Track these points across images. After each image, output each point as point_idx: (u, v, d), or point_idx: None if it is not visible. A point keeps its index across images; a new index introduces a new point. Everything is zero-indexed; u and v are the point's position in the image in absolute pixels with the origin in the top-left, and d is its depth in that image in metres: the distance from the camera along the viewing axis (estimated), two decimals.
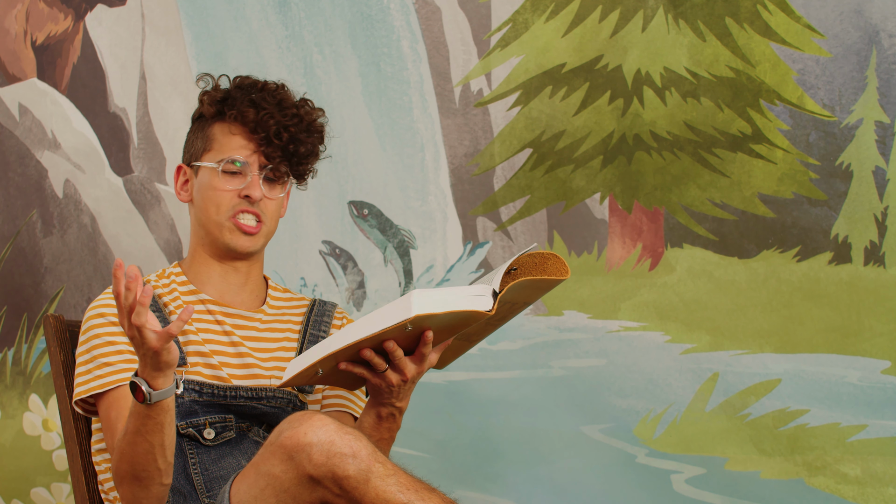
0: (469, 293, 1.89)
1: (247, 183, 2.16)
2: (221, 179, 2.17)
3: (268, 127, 2.16)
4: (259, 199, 2.16)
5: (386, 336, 1.89)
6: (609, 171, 2.71)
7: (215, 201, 2.17)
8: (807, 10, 2.55)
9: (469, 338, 2.06)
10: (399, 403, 2.01)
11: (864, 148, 2.51)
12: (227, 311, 2.19)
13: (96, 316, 2.12)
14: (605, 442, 2.72)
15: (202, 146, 2.20)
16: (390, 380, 1.96)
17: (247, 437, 2.13)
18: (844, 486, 2.53)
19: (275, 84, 2.22)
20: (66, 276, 3.24)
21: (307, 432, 1.81)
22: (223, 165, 2.16)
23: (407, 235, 2.89)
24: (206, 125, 2.21)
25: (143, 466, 1.94)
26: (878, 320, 2.50)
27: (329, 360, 1.93)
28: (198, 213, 2.20)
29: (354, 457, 1.80)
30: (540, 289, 2.00)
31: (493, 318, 2.00)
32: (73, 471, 2.25)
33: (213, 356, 2.14)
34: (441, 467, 2.81)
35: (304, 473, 1.80)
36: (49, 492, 3.25)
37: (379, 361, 1.93)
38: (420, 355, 1.95)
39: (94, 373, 2.08)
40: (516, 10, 2.77)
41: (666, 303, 2.67)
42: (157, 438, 1.92)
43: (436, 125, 2.87)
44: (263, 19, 3.00)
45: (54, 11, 3.24)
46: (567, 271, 1.97)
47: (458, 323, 1.92)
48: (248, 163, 2.17)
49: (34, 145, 3.26)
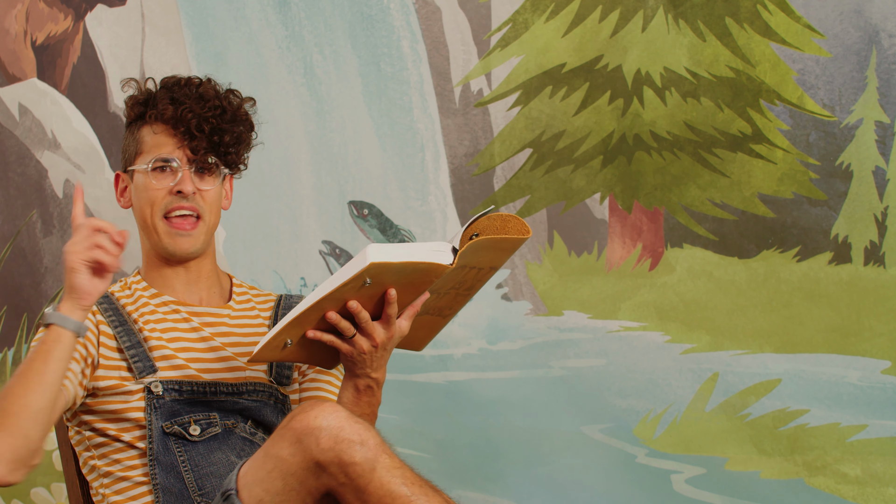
0: (427, 247, 1.89)
1: (177, 179, 2.17)
2: (153, 178, 2.17)
3: (188, 121, 2.17)
4: (191, 192, 2.17)
5: (346, 293, 1.88)
6: (609, 171, 2.71)
7: (149, 201, 2.18)
8: (807, 10, 2.55)
9: (441, 312, 2.05)
10: (374, 374, 2.01)
11: (864, 148, 2.51)
12: (193, 309, 2.21)
13: None
14: (605, 442, 2.72)
15: (134, 150, 2.21)
16: (360, 346, 1.96)
17: (234, 433, 2.14)
18: (844, 486, 2.53)
19: (199, 79, 2.23)
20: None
21: (317, 416, 1.82)
22: (152, 164, 2.17)
23: (407, 235, 2.89)
24: (136, 129, 2.22)
25: (14, 398, 1.88)
26: (878, 320, 2.50)
27: (295, 327, 1.92)
28: (137, 218, 2.22)
29: (362, 444, 1.81)
30: (503, 250, 2.00)
31: (462, 286, 2.00)
32: (66, 474, 2.26)
33: (180, 355, 2.14)
34: (441, 467, 2.81)
35: (311, 458, 1.81)
36: (49, 492, 3.25)
37: (346, 325, 1.93)
38: (386, 317, 1.95)
39: None
40: (516, 10, 2.77)
41: (666, 303, 2.67)
42: (39, 367, 1.89)
43: (436, 125, 2.87)
44: (263, 19, 3.00)
45: (54, 11, 3.24)
46: (528, 231, 1.97)
47: (419, 279, 1.91)
48: (176, 158, 2.18)
49: (34, 145, 3.26)
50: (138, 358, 2.12)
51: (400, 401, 2.83)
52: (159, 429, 2.09)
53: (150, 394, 2.10)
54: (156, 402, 2.09)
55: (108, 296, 2.20)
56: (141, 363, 2.12)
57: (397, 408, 2.83)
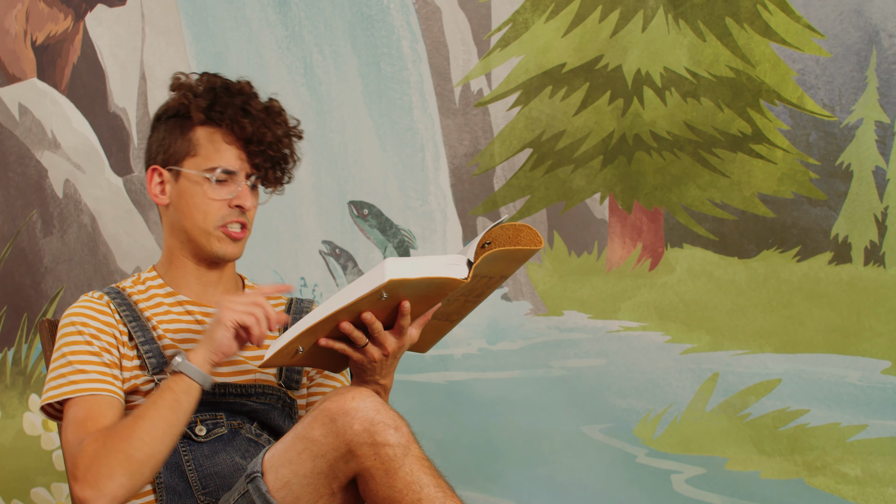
0: (443, 261, 1.89)
1: (237, 192, 2.15)
2: (212, 188, 2.15)
3: (264, 138, 2.15)
4: (251, 208, 2.16)
5: (362, 306, 1.89)
6: (609, 171, 2.71)
7: (203, 210, 2.15)
8: (807, 10, 2.55)
9: (449, 317, 2.06)
10: (383, 381, 2.01)
11: (864, 148, 2.51)
12: (206, 311, 2.20)
13: (69, 325, 2.12)
14: (605, 442, 2.72)
15: (185, 150, 2.17)
16: (372, 355, 1.96)
17: (239, 434, 2.13)
18: (844, 486, 2.53)
19: (246, 83, 2.19)
20: (66, 276, 3.24)
21: (354, 398, 1.83)
22: (217, 175, 2.14)
23: (407, 235, 2.89)
24: (188, 128, 2.18)
25: (143, 445, 1.94)
26: (878, 320, 2.50)
27: (308, 336, 1.92)
28: (180, 219, 2.18)
29: (397, 430, 1.82)
30: (515, 260, 2.00)
31: (471, 294, 2.00)
32: None
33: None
34: (441, 467, 2.81)
35: (344, 439, 1.81)
36: (49, 492, 3.25)
37: (359, 335, 1.93)
38: (399, 328, 1.95)
39: (69, 377, 2.07)
40: (516, 10, 2.77)
41: (666, 303, 2.67)
42: (170, 416, 1.96)
43: (436, 125, 2.87)
44: (263, 19, 3.00)
45: (54, 11, 3.24)
46: (540, 241, 1.97)
47: (433, 292, 1.91)
48: (237, 171, 2.16)
49: (34, 145, 3.26)
50: (152, 354, 2.11)
51: (400, 401, 2.83)
52: None
53: None
54: None
55: (119, 291, 2.18)
56: (155, 359, 2.11)
57: (397, 408, 2.83)
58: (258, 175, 2.17)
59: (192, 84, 2.18)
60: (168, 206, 2.19)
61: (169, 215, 2.20)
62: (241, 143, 2.15)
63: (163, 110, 2.22)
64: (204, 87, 2.17)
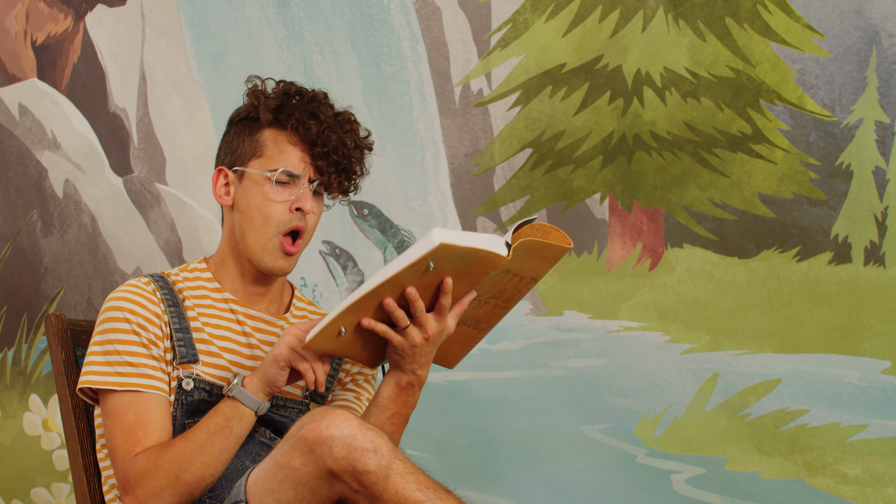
0: (485, 238, 1.90)
1: (298, 195, 2.13)
2: (273, 189, 2.13)
3: (329, 141, 2.13)
4: (310, 211, 2.14)
5: (407, 279, 1.89)
6: (609, 171, 2.71)
7: (264, 212, 2.13)
8: (807, 10, 2.55)
9: (478, 325, 2.06)
10: (420, 371, 2.01)
11: (864, 148, 2.52)
12: (250, 312, 2.18)
13: (116, 309, 2.10)
14: (605, 442, 2.72)
15: (251, 151, 2.16)
16: (413, 338, 1.96)
17: (253, 437, 2.12)
18: (844, 486, 2.53)
19: (322, 93, 2.18)
20: (66, 276, 3.24)
21: (329, 425, 1.82)
22: (277, 175, 2.12)
23: (407, 235, 2.89)
24: (256, 129, 2.16)
25: (193, 469, 1.97)
26: (878, 320, 2.50)
27: (351, 314, 1.92)
28: (241, 223, 2.16)
29: (375, 452, 1.80)
30: (546, 258, 2.01)
31: (501, 297, 2.01)
32: (74, 470, 2.24)
33: (225, 355, 2.13)
34: (441, 467, 2.81)
35: (325, 467, 1.81)
36: (49, 492, 3.25)
37: (401, 315, 1.93)
38: (440, 308, 1.95)
39: (116, 367, 2.06)
40: (516, 10, 2.77)
41: (666, 303, 2.67)
42: (221, 442, 1.99)
43: (436, 125, 2.87)
44: (263, 19, 3.00)
45: (54, 11, 3.24)
46: (570, 242, 1.99)
47: (475, 269, 1.92)
48: (300, 174, 2.14)
49: (34, 145, 3.26)
50: (183, 343, 2.10)
51: None
52: (181, 424, 2.08)
53: (180, 389, 2.09)
54: (184, 397, 2.08)
55: (163, 277, 2.17)
56: (185, 348, 2.10)
57: None
58: (321, 180, 2.15)
59: (265, 89, 2.18)
60: (231, 207, 2.18)
61: (231, 217, 2.19)
62: (306, 146, 2.14)
63: (235, 114, 2.21)
64: (277, 91, 2.17)
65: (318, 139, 2.13)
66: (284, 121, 2.14)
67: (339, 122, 2.15)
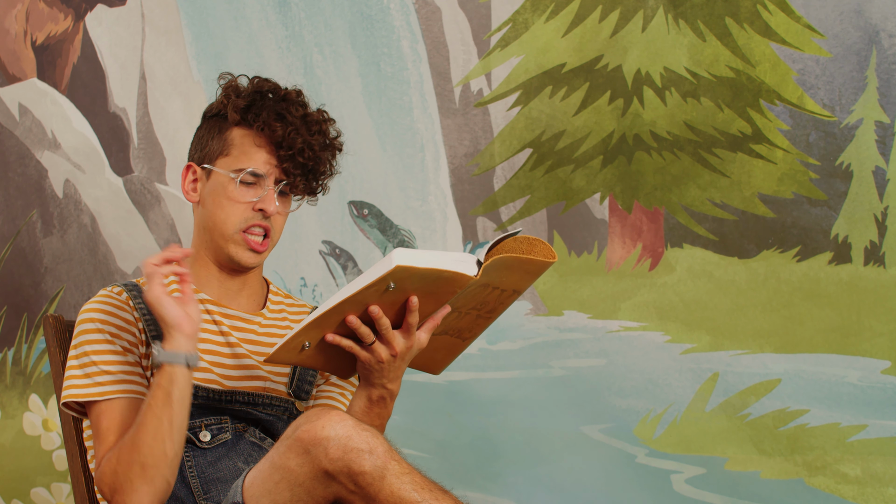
0: (453, 257, 1.87)
1: (262, 196, 2.12)
2: (238, 190, 2.13)
3: (294, 144, 2.11)
4: (273, 213, 2.13)
5: (369, 297, 1.87)
6: (609, 171, 2.71)
7: (227, 210, 2.13)
8: (807, 10, 2.55)
9: (461, 334, 2.04)
10: (390, 385, 2.00)
11: (864, 148, 2.52)
12: (225, 311, 2.18)
13: (88, 321, 2.11)
14: (605, 442, 2.72)
15: (218, 149, 2.15)
16: (379, 354, 1.93)
17: (243, 438, 2.12)
18: (844, 486, 2.53)
19: (295, 91, 2.17)
20: (66, 276, 3.24)
21: (325, 426, 1.81)
22: (242, 176, 2.12)
23: (407, 235, 2.89)
24: (225, 128, 2.16)
25: (150, 450, 1.95)
26: (878, 320, 2.50)
27: (315, 330, 1.90)
28: (206, 219, 2.16)
29: (371, 453, 1.80)
30: (528, 272, 1.98)
31: (483, 308, 1.99)
32: (72, 471, 2.25)
33: (205, 356, 2.12)
34: (441, 467, 2.81)
35: (320, 468, 1.80)
36: (49, 492, 3.25)
37: (366, 331, 1.91)
38: (407, 326, 1.93)
39: (94, 378, 2.07)
40: (516, 10, 2.77)
41: (666, 303, 2.67)
42: (165, 413, 1.94)
43: (436, 125, 2.87)
44: (263, 19, 3.00)
45: (54, 11, 3.24)
46: (554, 255, 1.95)
47: (441, 288, 1.89)
48: (265, 175, 2.13)
49: (34, 145, 3.26)
50: None
51: (400, 401, 2.83)
52: None
53: None
54: None
55: (136, 284, 2.16)
56: None
57: (397, 408, 2.82)
58: (287, 181, 2.14)
59: (238, 86, 2.17)
60: (198, 203, 2.18)
61: (198, 213, 2.19)
62: (272, 148, 2.12)
63: (208, 109, 2.21)
64: (249, 89, 2.16)
65: (284, 141, 2.11)
66: (251, 121, 2.13)
67: (307, 123, 2.13)
